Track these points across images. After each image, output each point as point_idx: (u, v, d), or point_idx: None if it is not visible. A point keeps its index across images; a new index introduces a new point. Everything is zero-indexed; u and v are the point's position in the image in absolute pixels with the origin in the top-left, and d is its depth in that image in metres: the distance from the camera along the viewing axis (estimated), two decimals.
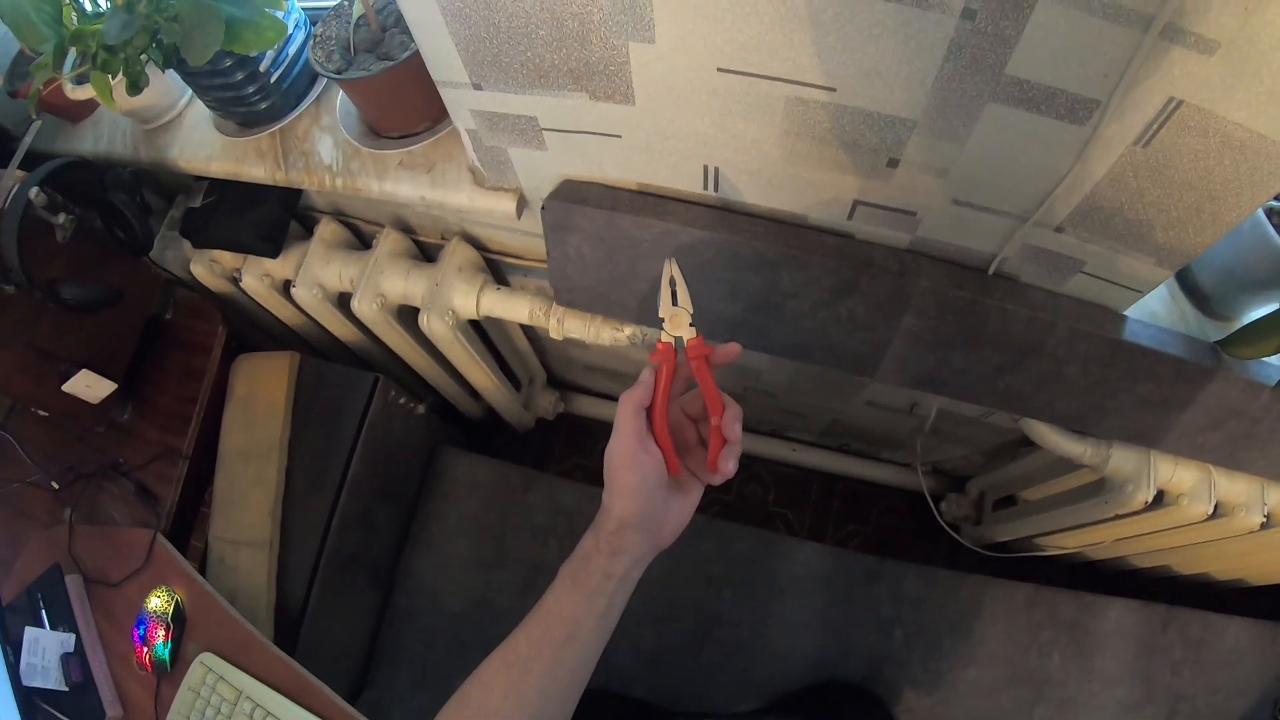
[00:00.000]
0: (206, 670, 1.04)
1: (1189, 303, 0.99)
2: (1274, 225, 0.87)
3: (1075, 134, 0.69)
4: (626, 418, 0.68)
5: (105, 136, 1.23)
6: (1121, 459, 1.15)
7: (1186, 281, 1.00)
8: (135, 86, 0.96)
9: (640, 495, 0.67)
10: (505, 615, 1.40)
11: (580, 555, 0.69)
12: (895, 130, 0.75)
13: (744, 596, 1.43)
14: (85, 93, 1.12)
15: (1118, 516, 1.25)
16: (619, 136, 0.87)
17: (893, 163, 0.79)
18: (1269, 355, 0.91)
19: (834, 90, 0.72)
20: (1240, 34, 0.56)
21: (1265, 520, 1.15)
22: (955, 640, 1.39)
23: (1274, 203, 0.88)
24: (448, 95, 0.88)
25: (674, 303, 0.70)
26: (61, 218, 1.08)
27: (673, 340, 0.70)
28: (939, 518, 1.67)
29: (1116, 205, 0.76)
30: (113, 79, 0.95)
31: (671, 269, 0.71)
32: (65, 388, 1.16)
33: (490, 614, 1.44)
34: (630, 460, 0.67)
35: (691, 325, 0.70)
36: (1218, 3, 0.55)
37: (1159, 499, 1.18)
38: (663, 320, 0.70)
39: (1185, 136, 0.66)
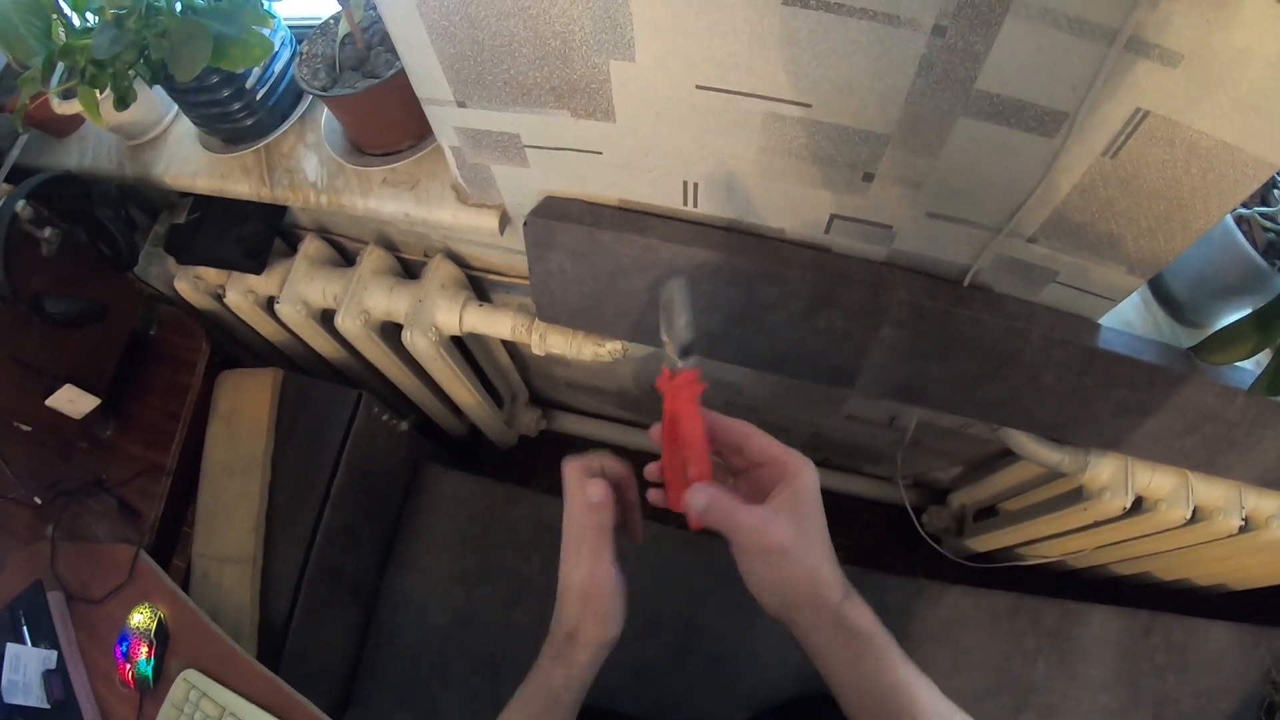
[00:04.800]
0: (190, 687, 1.03)
1: (1162, 310, 1.01)
2: (1243, 232, 0.89)
3: (1045, 146, 0.70)
4: (588, 538, 0.64)
5: (91, 152, 1.24)
6: (1099, 466, 1.16)
7: (1159, 289, 1.02)
8: (123, 102, 0.97)
9: (616, 616, 0.65)
10: (489, 631, 1.42)
11: (537, 683, 0.67)
12: (870, 145, 0.76)
13: (728, 608, 1.43)
14: (72, 108, 1.12)
15: (1097, 523, 1.26)
16: (600, 153, 0.88)
17: (868, 177, 0.80)
18: (1242, 360, 0.92)
19: (809, 106, 0.73)
20: (1203, 46, 0.58)
21: (1243, 524, 1.17)
22: (939, 650, 1.39)
23: (1242, 209, 0.90)
24: (432, 113, 0.89)
25: (669, 328, 0.64)
26: (47, 232, 1.08)
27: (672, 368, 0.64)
28: (921, 530, 1.68)
29: (1087, 215, 0.78)
30: (100, 94, 0.95)
31: (675, 290, 0.64)
32: (48, 402, 1.15)
33: (475, 630, 1.43)
34: (608, 587, 0.64)
35: (688, 354, 0.63)
36: (1180, 16, 0.56)
37: (1137, 505, 1.19)
38: (663, 343, 0.64)
39: (1152, 146, 0.68)
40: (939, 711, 0.59)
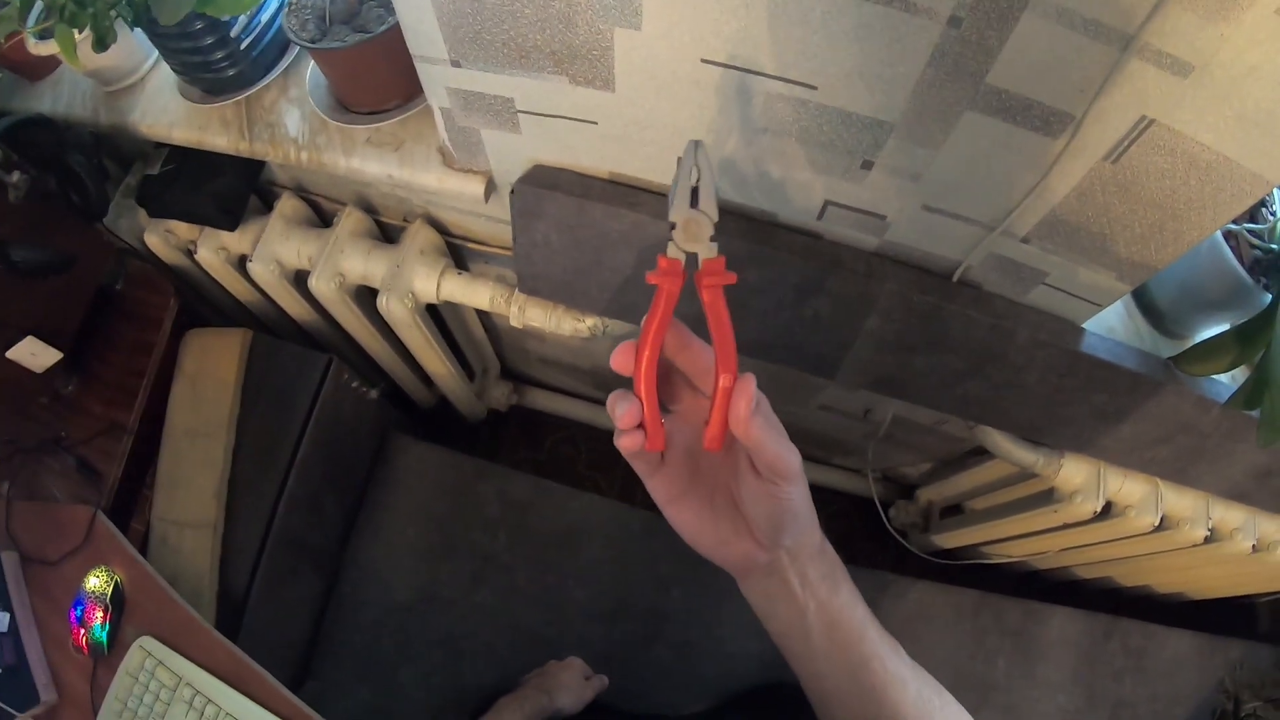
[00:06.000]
0: (146, 655, 1.01)
1: (1144, 319, 1.02)
2: (1231, 247, 0.89)
3: (1048, 146, 0.70)
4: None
5: (65, 97, 1.19)
6: (1073, 469, 1.17)
7: (1142, 298, 1.02)
8: (102, 43, 0.93)
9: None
10: (452, 608, 1.41)
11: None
12: (873, 132, 0.75)
13: (694, 594, 1.43)
14: (48, 48, 1.07)
15: (1066, 526, 1.27)
16: (595, 123, 0.86)
17: (867, 165, 0.79)
18: (1220, 373, 0.93)
19: (815, 89, 0.72)
20: (1214, 59, 0.58)
21: (1209, 535, 1.19)
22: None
23: (1231, 225, 0.90)
24: (424, 71, 0.87)
25: (693, 203, 0.49)
26: (15, 176, 1.04)
27: (683, 256, 0.49)
28: (888, 524, 1.69)
29: (1082, 219, 0.78)
30: (79, 35, 0.92)
31: (696, 155, 0.50)
32: (9, 354, 1.11)
33: (437, 606, 1.42)
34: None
35: (713, 240, 0.49)
36: (1194, 27, 0.56)
37: (1107, 510, 1.20)
38: (672, 227, 0.49)
39: (1154, 155, 0.67)
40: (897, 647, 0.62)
